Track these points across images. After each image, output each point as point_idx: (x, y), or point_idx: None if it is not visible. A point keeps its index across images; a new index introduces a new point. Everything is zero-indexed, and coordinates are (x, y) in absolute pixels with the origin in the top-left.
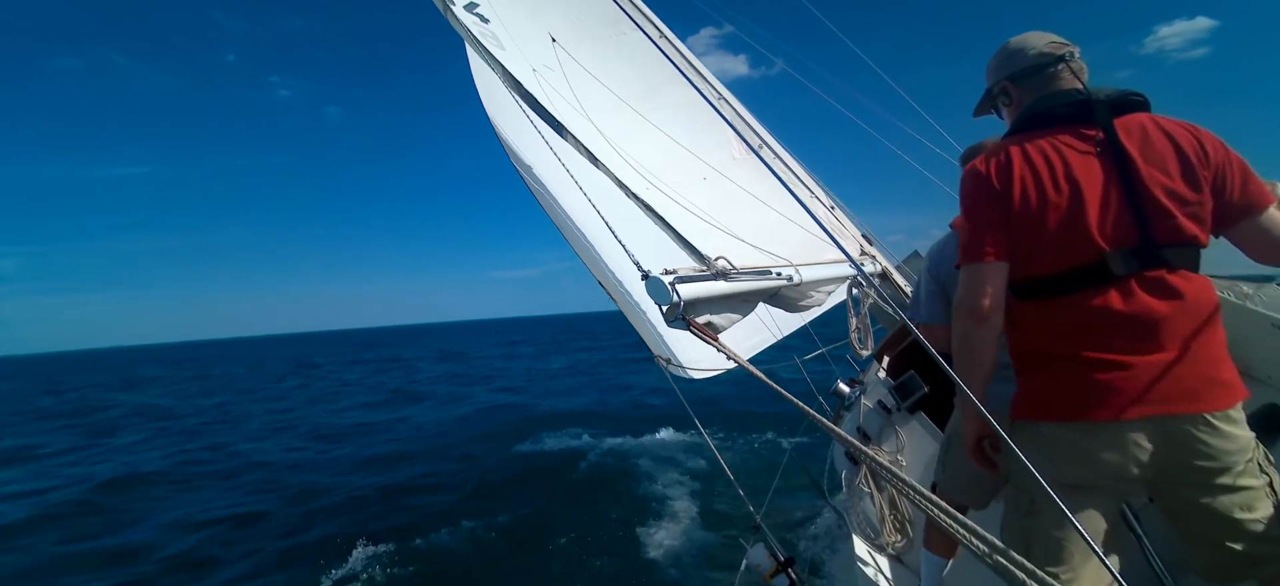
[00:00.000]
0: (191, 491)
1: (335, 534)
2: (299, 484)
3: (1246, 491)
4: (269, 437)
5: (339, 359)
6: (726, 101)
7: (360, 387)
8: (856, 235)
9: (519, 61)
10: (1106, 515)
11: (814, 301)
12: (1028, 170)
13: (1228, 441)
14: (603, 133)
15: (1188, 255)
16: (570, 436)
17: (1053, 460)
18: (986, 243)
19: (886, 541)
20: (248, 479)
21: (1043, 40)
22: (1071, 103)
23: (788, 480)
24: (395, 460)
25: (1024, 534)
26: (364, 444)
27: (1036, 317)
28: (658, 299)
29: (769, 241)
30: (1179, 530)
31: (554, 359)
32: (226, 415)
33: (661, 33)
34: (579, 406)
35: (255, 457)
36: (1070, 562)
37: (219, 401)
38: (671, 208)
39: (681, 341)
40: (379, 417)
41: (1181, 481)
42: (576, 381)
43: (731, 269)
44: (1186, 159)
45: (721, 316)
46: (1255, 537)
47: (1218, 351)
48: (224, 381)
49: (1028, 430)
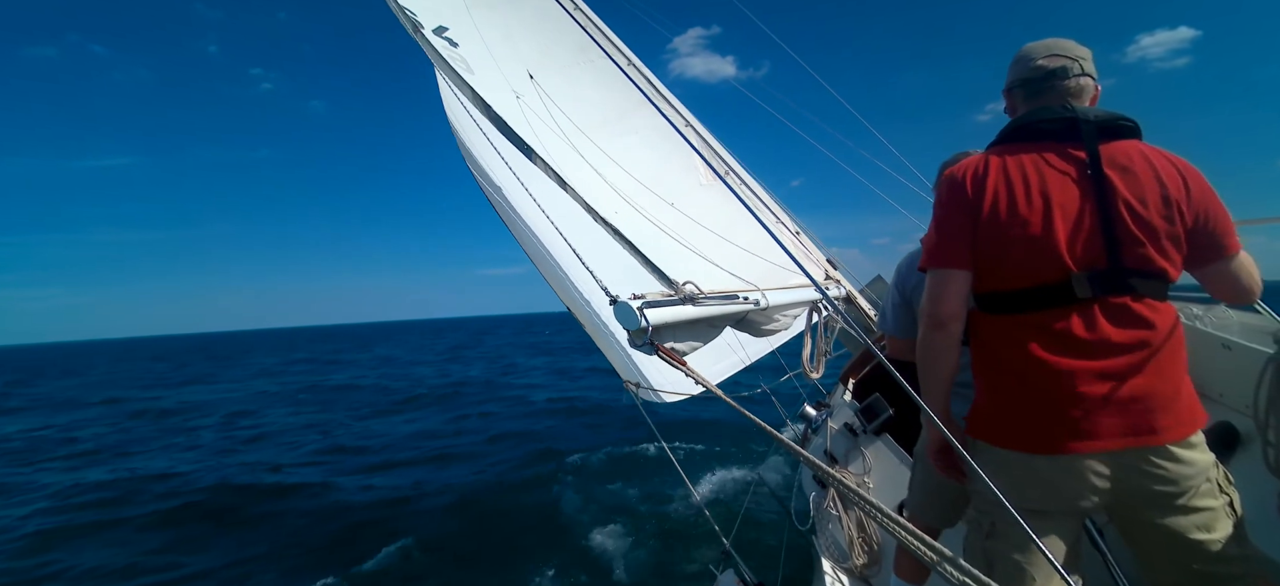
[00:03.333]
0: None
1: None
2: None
3: (1205, 512)
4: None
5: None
6: (693, 128)
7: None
8: (822, 260)
9: (489, 86)
10: (1066, 537)
11: (780, 325)
12: (1003, 181)
13: (1186, 467)
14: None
15: (1155, 286)
16: (534, 446)
17: (1010, 484)
18: (950, 249)
19: (854, 564)
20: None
21: (1044, 51)
22: (1059, 120)
23: (757, 503)
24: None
25: (985, 555)
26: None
27: (997, 332)
28: (626, 324)
29: (736, 266)
30: (1137, 553)
31: (519, 357)
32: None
33: (629, 60)
34: (546, 422)
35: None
36: (1031, 585)
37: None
38: (639, 232)
39: (651, 364)
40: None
41: (1139, 507)
42: (547, 391)
43: (699, 293)
44: (1167, 193)
45: (689, 341)
46: (1215, 558)
47: (1178, 380)
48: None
49: (987, 452)
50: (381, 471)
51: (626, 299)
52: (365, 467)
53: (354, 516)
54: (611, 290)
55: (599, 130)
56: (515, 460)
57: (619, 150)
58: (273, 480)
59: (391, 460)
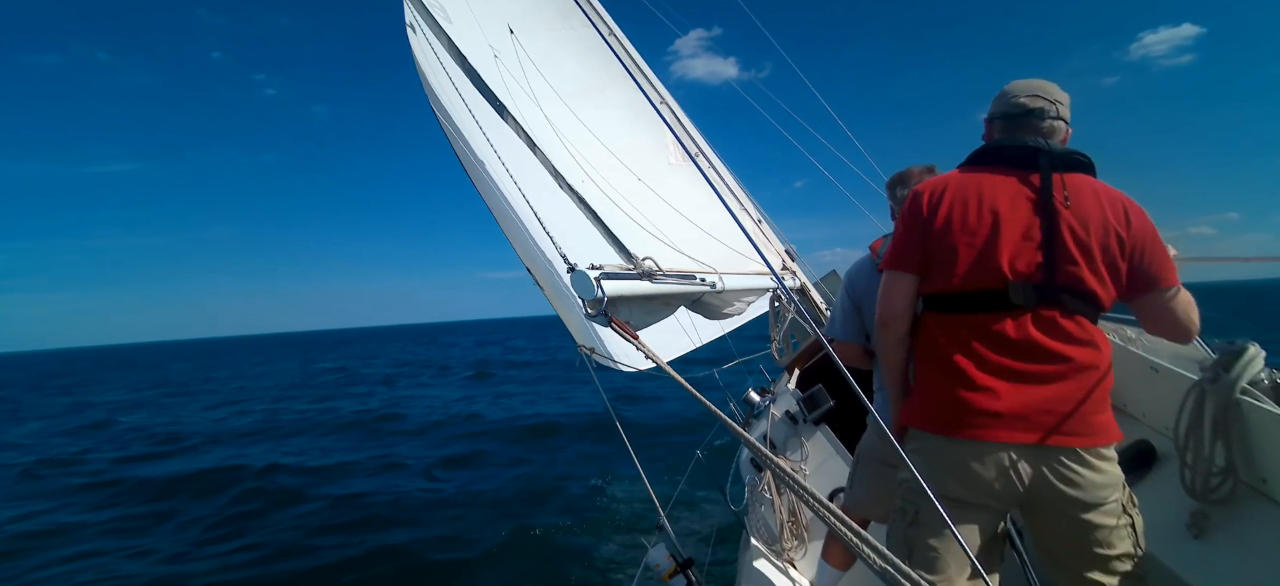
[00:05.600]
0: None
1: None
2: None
3: (1110, 529)
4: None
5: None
6: (668, 106)
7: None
8: (780, 250)
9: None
10: (984, 531)
11: (735, 310)
12: (959, 196)
13: (1097, 475)
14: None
15: (1085, 306)
16: (476, 426)
17: (934, 472)
18: (902, 256)
19: (784, 547)
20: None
21: (1026, 91)
22: (1021, 149)
23: (696, 482)
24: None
25: (907, 541)
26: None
27: (939, 329)
28: (582, 293)
29: (696, 248)
30: (1044, 559)
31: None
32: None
33: (611, 29)
34: (502, 403)
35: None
36: (946, 572)
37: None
38: (604, 203)
39: (607, 333)
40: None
41: (1050, 509)
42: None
43: (657, 270)
44: (1109, 223)
45: (643, 316)
46: (1113, 575)
47: (1099, 394)
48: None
49: (916, 439)
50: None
51: (584, 268)
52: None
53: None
54: (571, 257)
55: (575, 99)
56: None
57: (593, 121)
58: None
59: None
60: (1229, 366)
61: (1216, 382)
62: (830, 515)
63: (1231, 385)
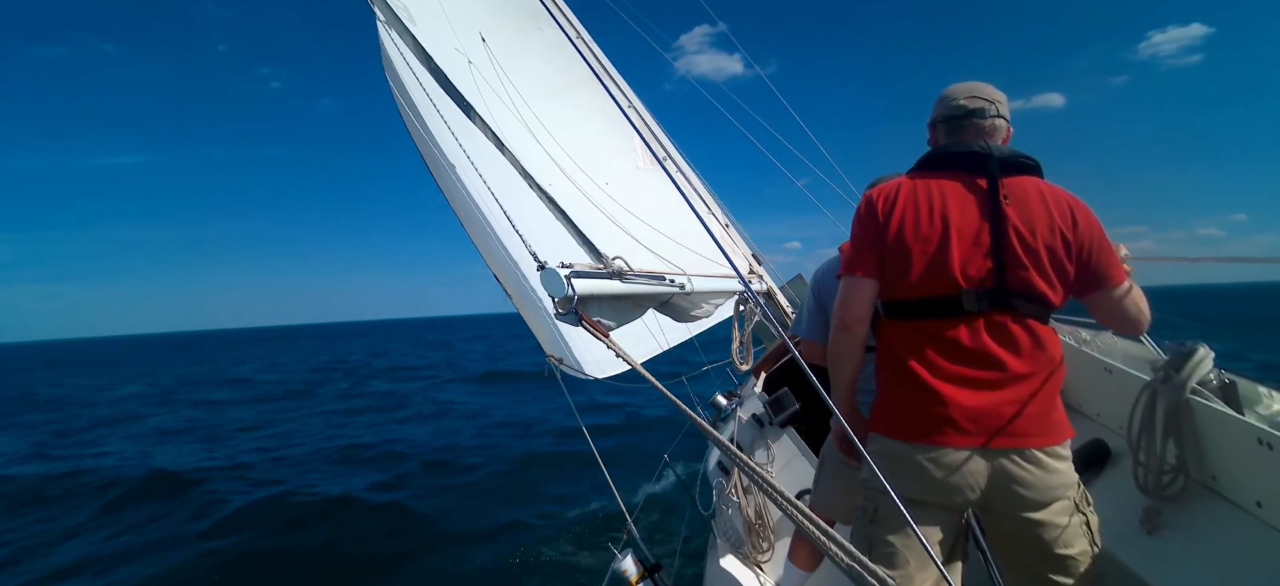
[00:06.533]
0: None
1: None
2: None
3: (1066, 529)
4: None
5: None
6: (636, 110)
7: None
8: (747, 253)
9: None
10: (943, 530)
11: (703, 312)
12: (911, 203)
13: (1051, 474)
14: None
15: (1035, 308)
16: (452, 434)
17: (894, 473)
18: (859, 261)
19: (750, 551)
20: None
21: (965, 93)
22: (969, 153)
23: (662, 487)
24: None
25: (867, 539)
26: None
27: (896, 336)
28: (552, 291)
29: (664, 250)
30: (1003, 561)
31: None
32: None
33: (578, 32)
34: (472, 406)
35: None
36: (906, 569)
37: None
38: (574, 204)
39: (576, 340)
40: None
41: (1005, 510)
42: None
43: (627, 270)
44: (1055, 224)
45: (613, 317)
46: (1069, 574)
47: (1050, 394)
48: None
49: (877, 441)
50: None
51: (555, 266)
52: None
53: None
54: (540, 255)
55: (543, 101)
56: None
57: (559, 123)
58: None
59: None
60: (1179, 367)
61: (1167, 383)
62: (796, 511)
63: (1181, 385)
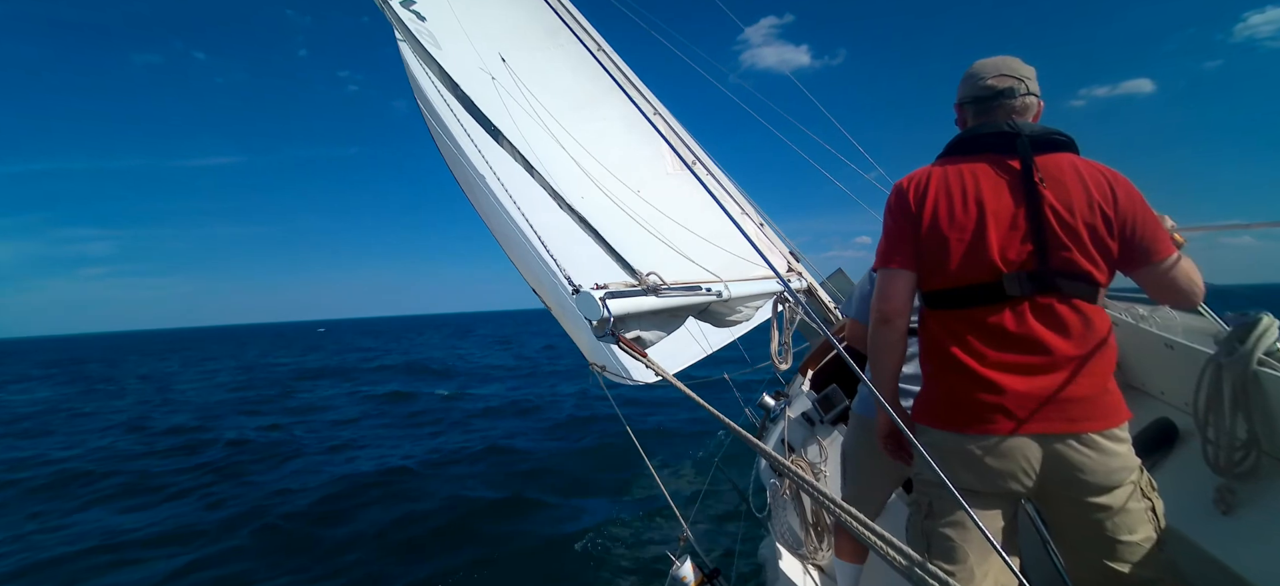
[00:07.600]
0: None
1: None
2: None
3: (1128, 514)
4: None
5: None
6: (662, 116)
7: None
8: (784, 252)
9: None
10: (1000, 519)
11: (742, 316)
12: (943, 190)
13: (1109, 457)
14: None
15: (1081, 288)
16: (501, 436)
17: (946, 467)
18: (894, 252)
19: (809, 551)
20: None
21: (993, 71)
22: (998, 134)
23: (717, 490)
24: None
25: (924, 535)
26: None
27: (940, 326)
28: (588, 314)
29: (700, 255)
30: (1062, 548)
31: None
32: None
33: (599, 45)
34: (512, 407)
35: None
36: (965, 562)
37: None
38: (605, 219)
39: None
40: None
41: (1064, 497)
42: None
43: (662, 283)
44: (1094, 201)
45: (651, 331)
46: (1134, 561)
47: (1103, 375)
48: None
49: (926, 434)
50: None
51: (589, 289)
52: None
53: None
54: (575, 279)
55: (568, 115)
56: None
57: (587, 136)
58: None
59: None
60: (1244, 338)
61: (1233, 355)
62: (846, 514)
63: (1247, 357)
